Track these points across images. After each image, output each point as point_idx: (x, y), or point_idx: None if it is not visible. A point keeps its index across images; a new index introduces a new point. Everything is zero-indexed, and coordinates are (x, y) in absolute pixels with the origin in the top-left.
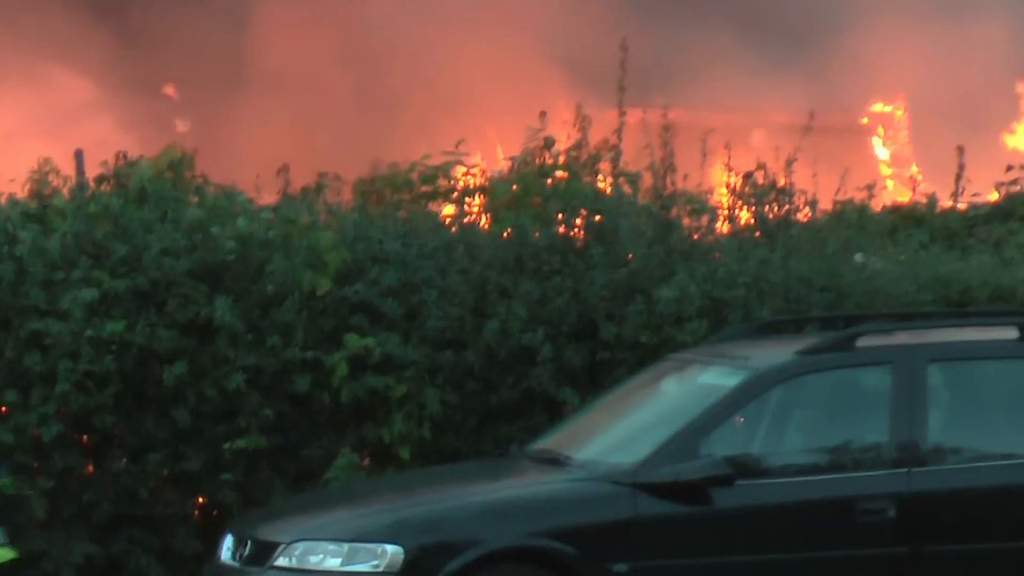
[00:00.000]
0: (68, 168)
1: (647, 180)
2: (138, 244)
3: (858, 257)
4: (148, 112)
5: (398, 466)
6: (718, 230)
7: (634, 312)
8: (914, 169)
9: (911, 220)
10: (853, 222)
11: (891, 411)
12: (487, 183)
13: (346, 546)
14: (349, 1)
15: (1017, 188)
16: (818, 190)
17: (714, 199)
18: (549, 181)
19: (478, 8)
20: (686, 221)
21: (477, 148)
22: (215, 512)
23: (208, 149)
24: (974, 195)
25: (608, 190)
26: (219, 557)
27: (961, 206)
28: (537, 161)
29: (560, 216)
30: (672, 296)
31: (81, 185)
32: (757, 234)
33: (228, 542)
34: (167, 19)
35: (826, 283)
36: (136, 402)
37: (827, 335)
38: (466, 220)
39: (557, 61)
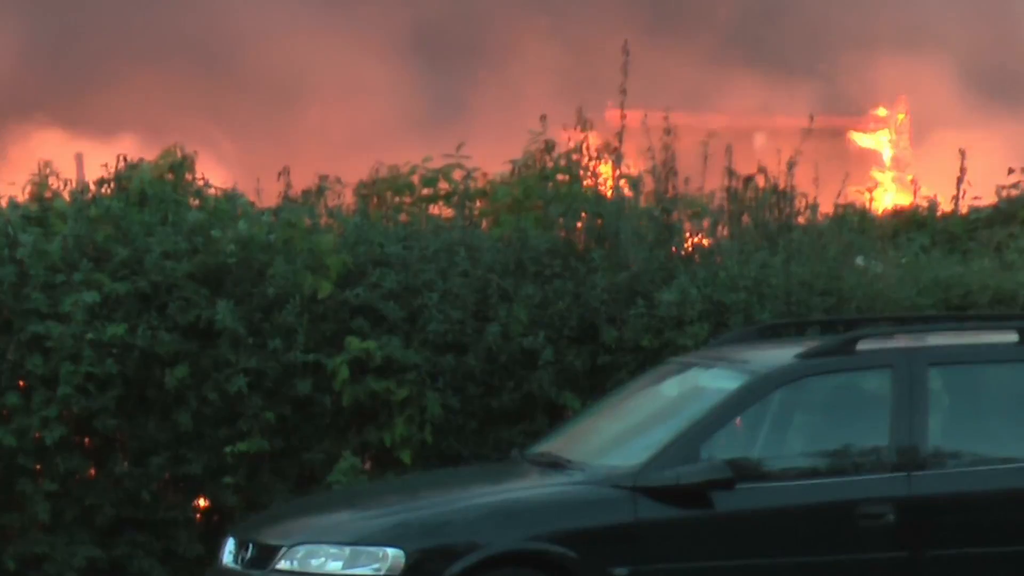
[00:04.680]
0: (68, 171)
1: (648, 183)
2: (139, 247)
3: (859, 261)
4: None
5: (399, 469)
6: (719, 233)
7: (635, 315)
8: (908, 178)
9: (912, 224)
10: (854, 226)
11: (891, 415)
12: (488, 187)
13: (347, 549)
14: (351, 4)
15: (1016, 192)
16: (819, 193)
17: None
18: (550, 184)
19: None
20: (687, 225)
21: (478, 151)
22: (217, 515)
23: (209, 152)
24: (975, 199)
25: (609, 194)
26: (221, 560)
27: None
28: (538, 164)
29: (561, 219)
30: (673, 299)
31: (82, 188)
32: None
33: (230, 545)
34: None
35: (827, 287)
36: (138, 405)
37: (828, 338)
38: (466, 224)
39: (559, 63)
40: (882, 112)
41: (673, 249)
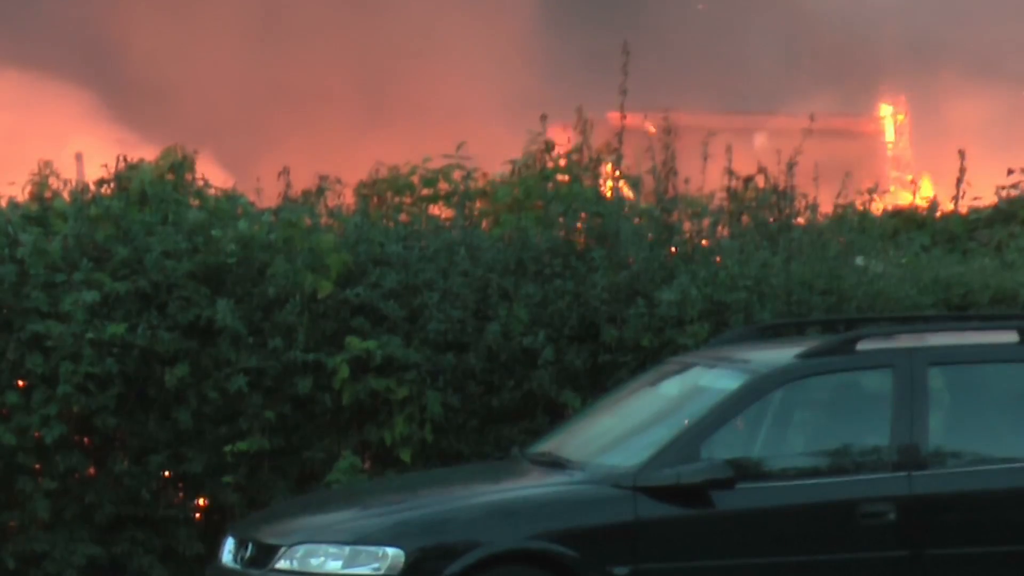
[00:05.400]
0: (68, 171)
1: (648, 183)
2: (139, 246)
3: (859, 260)
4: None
5: (399, 468)
6: (719, 233)
7: (635, 315)
8: (908, 178)
9: (912, 223)
10: (854, 225)
11: (892, 414)
12: (488, 186)
13: (347, 548)
14: (350, 4)
15: (1016, 192)
16: (819, 193)
17: (715, 203)
18: (550, 184)
19: (480, 10)
20: (687, 224)
21: (478, 151)
22: (217, 514)
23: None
24: (975, 199)
25: (609, 193)
26: (220, 559)
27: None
28: (538, 164)
29: (561, 219)
30: (673, 299)
31: (82, 188)
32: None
33: (229, 544)
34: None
35: (827, 286)
36: (138, 404)
37: (828, 338)
38: (466, 224)
39: (558, 63)
40: (885, 112)
41: (673, 249)
